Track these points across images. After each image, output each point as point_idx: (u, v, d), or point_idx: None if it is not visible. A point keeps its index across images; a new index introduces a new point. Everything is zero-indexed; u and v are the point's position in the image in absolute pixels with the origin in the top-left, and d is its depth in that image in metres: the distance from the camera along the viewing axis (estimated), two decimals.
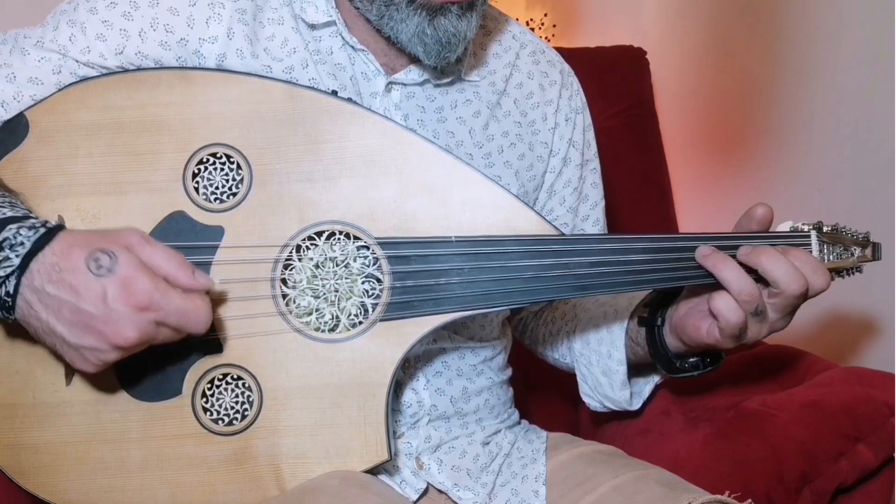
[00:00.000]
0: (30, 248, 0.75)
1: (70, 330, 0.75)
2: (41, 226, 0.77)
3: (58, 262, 0.74)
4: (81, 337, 0.75)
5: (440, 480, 0.98)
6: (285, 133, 0.87)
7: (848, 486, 1.02)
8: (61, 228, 0.78)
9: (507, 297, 0.87)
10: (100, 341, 0.75)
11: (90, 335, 0.75)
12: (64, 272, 0.74)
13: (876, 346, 1.36)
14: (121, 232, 0.78)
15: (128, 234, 0.78)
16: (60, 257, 0.75)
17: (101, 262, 0.74)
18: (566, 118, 1.09)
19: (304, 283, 0.87)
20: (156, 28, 0.90)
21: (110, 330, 0.74)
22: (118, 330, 0.74)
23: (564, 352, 1.15)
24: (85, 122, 0.87)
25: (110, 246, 0.75)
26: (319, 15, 0.94)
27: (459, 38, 0.90)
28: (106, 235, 0.77)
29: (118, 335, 0.74)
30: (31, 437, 0.86)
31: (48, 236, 0.76)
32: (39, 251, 0.75)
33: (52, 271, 0.74)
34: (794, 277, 0.85)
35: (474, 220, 0.87)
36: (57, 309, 0.75)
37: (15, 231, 0.76)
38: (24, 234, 0.76)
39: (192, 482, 0.86)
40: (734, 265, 0.86)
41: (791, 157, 1.55)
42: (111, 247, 0.75)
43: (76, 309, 0.74)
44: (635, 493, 0.91)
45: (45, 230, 0.76)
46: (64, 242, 0.76)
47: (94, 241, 0.76)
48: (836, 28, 1.43)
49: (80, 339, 0.75)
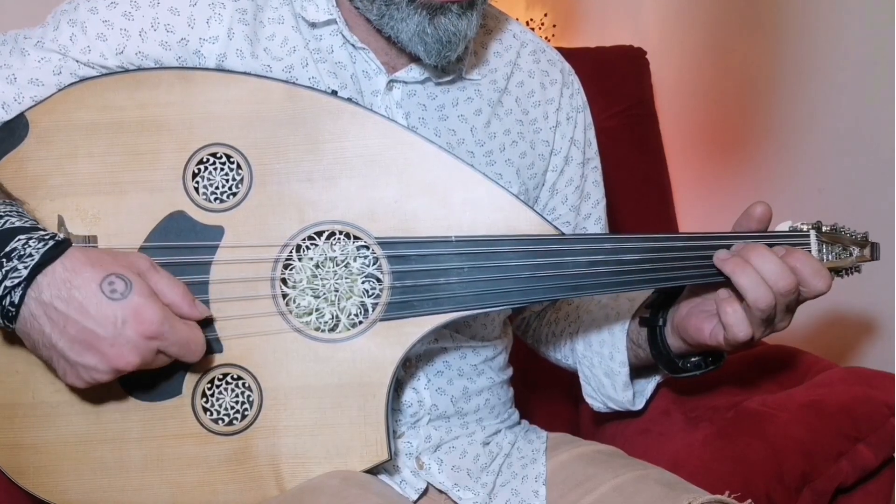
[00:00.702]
0: (38, 260, 0.75)
1: (71, 346, 0.75)
2: (50, 238, 0.77)
3: (69, 279, 0.75)
4: (81, 354, 0.76)
5: (440, 480, 0.98)
6: (285, 133, 0.87)
7: (848, 486, 1.02)
8: (70, 243, 0.78)
9: (506, 297, 0.87)
10: (100, 362, 0.76)
11: (91, 354, 0.75)
12: (74, 289, 0.75)
13: (876, 346, 1.36)
14: (131, 256, 0.80)
15: (138, 259, 0.80)
16: (72, 273, 0.75)
17: (116, 286, 0.75)
18: (567, 117, 1.09)
19: (304, 283, 0.87)
20: (156, 28, 0.90)
21: (115, 353, 0.75)
22: (122, 354, 0.75)
23: (567, 353, 1.15)
24: (85, 121, 0.87)
25: (124, 271, 0.77)
26: (320, 13, 0.94)
27: (460, 38, 0.90)
28: (117, 258, 0.78)
29: (121, 358, 0.75)
30: (31, 437, 0.86)
31: (56, 249, 0.76)
32: (48, 264, 0.75)
33: (63, 287, 0.75)
34: (782, 275, 0.85)
35: (474, 221, 0.87)
36: (62, 325, 0.75)
37: (24, 242, 0.76)
38: (32, 245, 0.76)
39: (192, 482, 0.86)
40: (753, 273, 0.85)
41: (791, 157, 1.55)
42: (125, 272, 0.77)
43: (82, 328, 0.75)
44: (635, 493, 0.91)
45: (55, 243, 0.76)
46: (76, 260, 0.76)
47: (108, 264, 0.77)
48: (836, 28, 1.43)
49: (79, 357, 0.76)
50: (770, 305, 0.85)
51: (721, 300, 0.88)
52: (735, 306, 0.87)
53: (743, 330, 0.86)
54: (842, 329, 1.41)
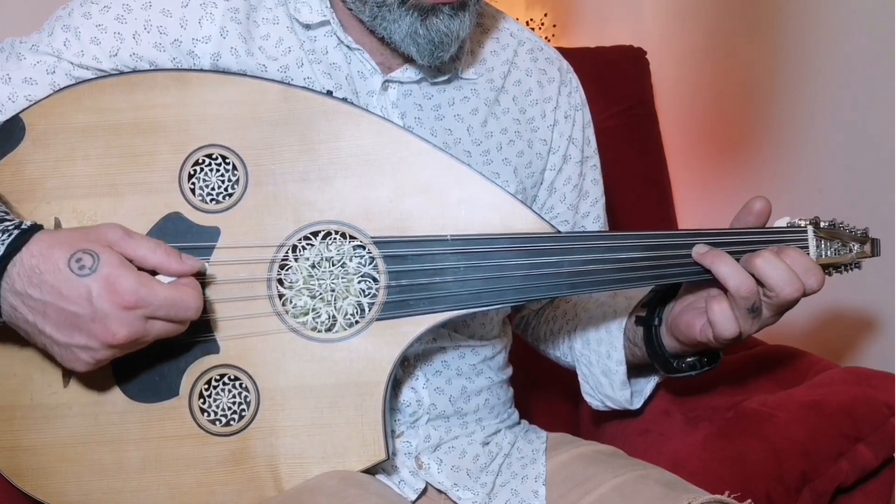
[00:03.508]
0: (3, 251, 0.74)
1: (58, 330, 0.75)
2: (14, 228, 0.76)
3: (37, 265, 0.74)
4: (70, 336, 0.75)
5: (440, 480, 0.98)
6: (281, 133, 0.87)
7: (848, 486, 1.01)
8: (38, 229, 0.77)
9: (503, 296, 0.87)
10: (90, 339, 0.75)
11: (79, 334, 0.75)
12: (44, 274, 0.74)
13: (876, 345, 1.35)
14: (100, 228, 0.78)
15: (108, 230, 0.78)
16: (40, 259, 0.74)
17: (83, 261, 0.74)
18: (565, 115, 1.09)
19: (301, 283, 0.87)
20: (149, 30, 0.90)
21: (99, 328, 0.74)
22: (107, 327, 0.74)
23: (565, 351, 1.15)
24: (81, 124, 0.87)
25: (91, 245, 0.75)
26: (314, 15, 0.94)
27: (452, 38, 0.90)
28: (86, 233, 0.77)
29: (107, 332, 0.74)
30: (30, 439, 0.86)
31: (22, 238, 0.75)
32: (16, 253, 0.75)
33: (33, 274, 0.74)
34: (789, 281, 0.85)
35: (470, 219, 0.87)
36: (42, 311, 0.75)
37: None
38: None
39: (190, 483, 0.86)
40: (731, 262, 0.86)
41: (791, 157, 1.55)
42: (92, 246, 0.75)
43: (60, 310, 0.74)
44: (635, 493, 0.91)
45: (19, 231, 0.76)
46: (42, 244, 0.75)
47: (75, 241, 0.75)
48: (835, 28, 1.43)
49: (69, 338, 0.75)
50: (752, 291, 0.85)
51: (710, 298, 0.88)
52: (723, 304, 0.87)
53: (729, 328, 0.87)
54: (842, 328, 1.41)
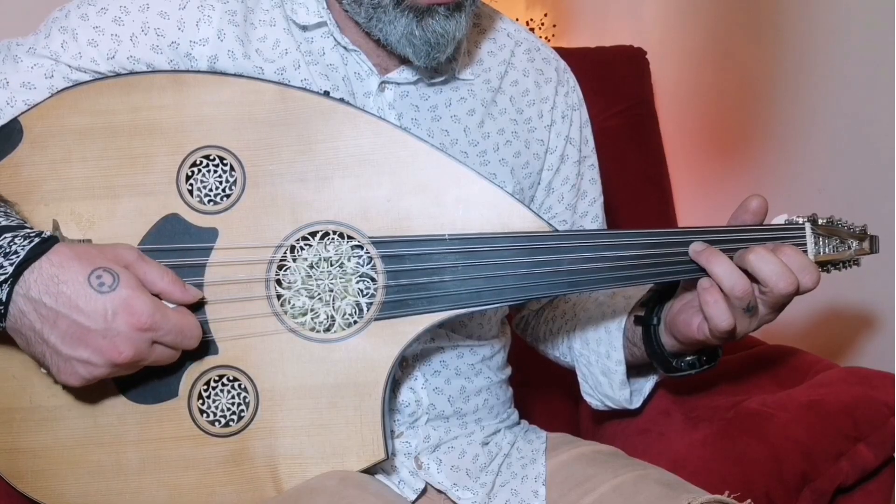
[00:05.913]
0: (24, 256, 0.75)
1: (63, 341, 0.75)
2: (36, 236, 0.77)
3: (56, 274, 0.75)
4: (75, 348, 0.76)
5: (439, 480, 0.98)
6: (278, 134, 0.87)
7: (848, 486, 1.01)
8: (56, 240, 0.78)
9: (501, 295, 0.87)
10: (93, 354, 0.76)
11: (84, 348, 0.75)
12: (62, 284, 0.75)
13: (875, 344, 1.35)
14: (118, 248, 0.80)
15: (125, 251, 0.80)
16: (59, 269, 0.75)
17: (104, 279, 0.75)
18: (563, 115, 1.09)
19: (299, 284, 0.87)
20: (147, 32, 0.90)
21: (107, 345, 0.75)
22: (115, 345, 0.75)
23: (565, 350, 1.15)
24: (78, 126, 0.87)
25: (110, 264, 0.77)
26: (310, 16, 0.94)
27: (448, 39, 0.90)
28: (104, 252, 0.78)
29: (115, 350, 0.75)
30: (29, 440, 0.86)
31: (43, 246, 0.76)
32: (34, 260, 0.75)
33: (51, 282, 0.75)
34: (782, 276, 0.84)
35: (468, 219, 0.87)
36: (52, 320, 0.75)
37: (10, 240, 0.76)
38: (18, 243, 0.76)
39: (190, 484, 0.86)
40: (726, 261, 0.85)
41: (791, 156, 1.55)
42: (111, 265, 0.77)
43: (72, 322, 0.75)
44: (635, 493, 0.91)
45: (40, 240, 0.77)
46: (62, 255, 0.76)
47: (94, 258, 0.77)
48: (835, 28, 1.43)
49: (73, 351, 0.76)
50: (746, 292, 0.85)
51: (702, 290, 0.87)
52: (716, 296, 0.86)
53: (724, 319, 0.86)
54: (841, 327, 1.41)
